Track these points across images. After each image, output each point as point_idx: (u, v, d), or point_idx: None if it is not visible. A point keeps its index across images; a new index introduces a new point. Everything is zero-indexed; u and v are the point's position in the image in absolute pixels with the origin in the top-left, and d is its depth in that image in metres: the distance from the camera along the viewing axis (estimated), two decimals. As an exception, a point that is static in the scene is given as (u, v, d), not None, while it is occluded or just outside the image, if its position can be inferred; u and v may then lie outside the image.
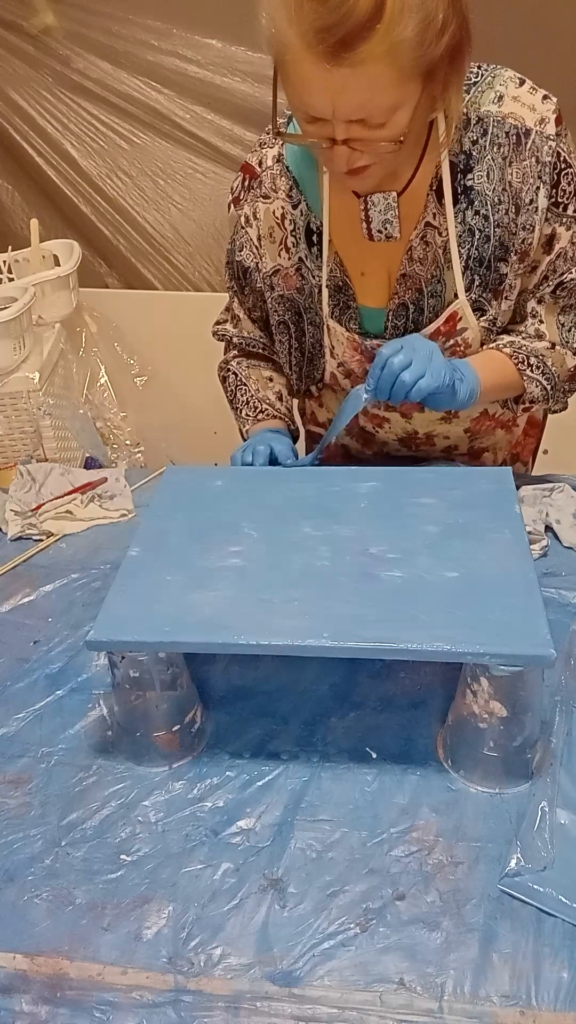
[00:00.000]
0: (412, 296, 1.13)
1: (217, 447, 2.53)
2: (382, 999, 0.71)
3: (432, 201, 1.07)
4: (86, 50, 2.21)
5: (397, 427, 1.29)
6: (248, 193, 1.18)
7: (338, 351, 1.20)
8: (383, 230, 1.08)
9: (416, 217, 1.09)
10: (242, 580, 0.91)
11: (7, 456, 1.81)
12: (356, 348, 1.18)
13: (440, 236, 1.09)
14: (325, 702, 0.98)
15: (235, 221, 1.21)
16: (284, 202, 1.15)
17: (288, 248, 1.17)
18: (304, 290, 1.18)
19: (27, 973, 0.74)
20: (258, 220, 1.18)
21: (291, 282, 1.18)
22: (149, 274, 2.47)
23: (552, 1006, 0.69)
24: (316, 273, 1.16)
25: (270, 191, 1.15)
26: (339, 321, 1.18)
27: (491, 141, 1.03)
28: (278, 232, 1.16)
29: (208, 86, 2.22)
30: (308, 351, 1.24)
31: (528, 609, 0.84)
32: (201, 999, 0.72)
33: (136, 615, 0.87)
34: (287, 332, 1.24)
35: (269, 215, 1.16)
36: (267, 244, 1.18)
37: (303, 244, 1.15)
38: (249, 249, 1.21)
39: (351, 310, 1.17)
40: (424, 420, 1.26)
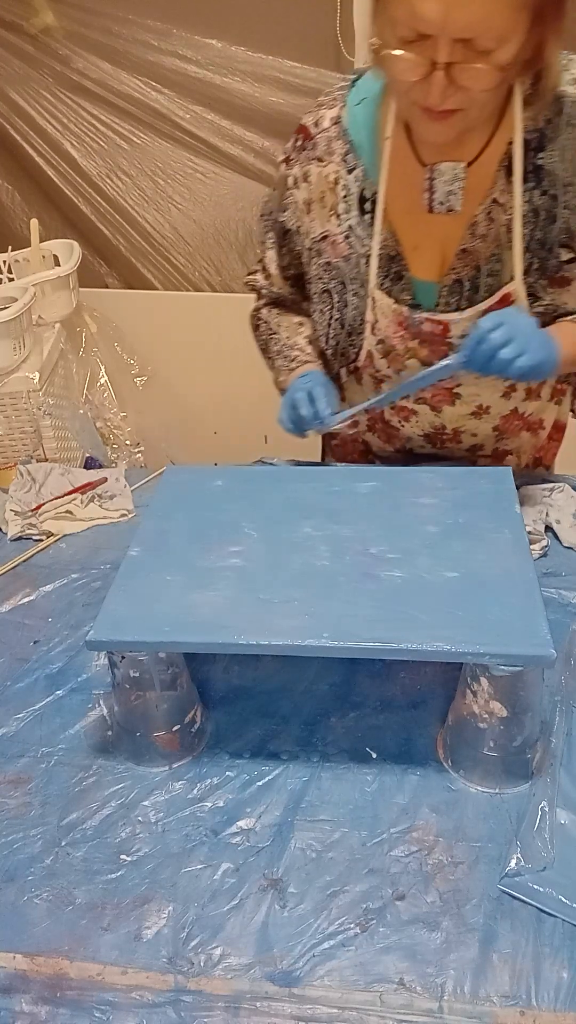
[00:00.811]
0: (469, 273, 1.11)
1: (217, 447, 2.55)
2: (382, 999, 0.71)
3: (501, 177, 1.06)
4: (86, 50, 2.20)
5: (425, 421, 1.27)
6: (300, 154, 1.15)
7: (381, 325, 1.16)
8: (445, 202, 1.05)
9: (483, 192, 1.07)
10: (242, 580, 0.91)
11: (7, 456, 1.81)
12: (401, 323, 1.15)
13: (505, 214, 1.07)
14: (325, 702, 0.98)
15: (283, 180, 1.19)
16: (339, 166, 1.12)
17: (339, 214, 1.14)
18: (351, 259, 1.15)
19: (27, 973, 0.74)
20: (309, 183, 1.15)
21: (339, 249, 1.15)
22: (149, 274, 2.47)
23: (552, 1006, 0.69)
24: (365, 242, 1.13)
25: (324, 154, 1.12)
26: (388, 292, 1.14)
27: (567, 121, 1.02)
28: (329, 197, 1.14)
29: (208, 86, 2.22)
30: (349, 325, 1.20)
31: (528, 609, 0.84)
32: (201, 999, 0.72)
33: (136, 615, 0.87)
34: (329, 302, 1.20)
35: (322, 179, 1.13)
36: (317, 209, 1.15)
37: (355, 211, 1.13)
38: (293, 211, 1.18)
39: (403, 280, 1.14)
40: (454, 415, 1.25)
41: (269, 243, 1.28)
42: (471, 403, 1.22)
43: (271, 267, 1.30)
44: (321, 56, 2.17)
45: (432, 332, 1.13)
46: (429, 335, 1.14)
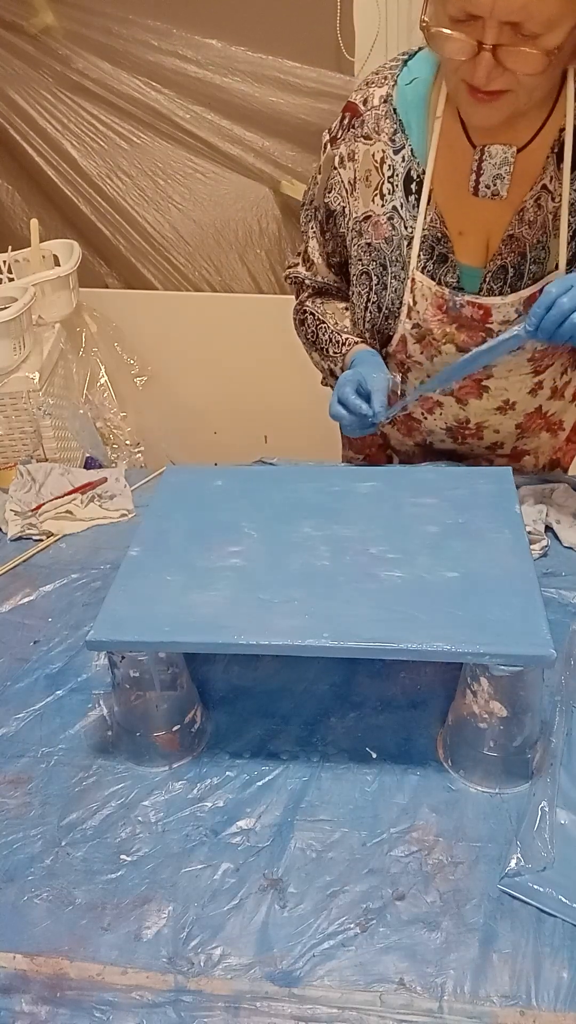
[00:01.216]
0: (514, 260, 1.10)
1: (217, 447, 2.55)
2: (382, 999, 0.71)
3: (552, 164, 1.05)
4: (86, 50, 2.21)
5: (449, 414, 1.26)
6: (347, 132, 1.14)
7: (419, 307, 1.15)
8: (491, 186, 1.03)
9: (532, 178, 1.06)
10: (242, 580, 0.91)
11: (7, 456, 1.81)
12: (441, 306, 1.13)
13: (553, 201, 1.06)
14: (325, 702, 0.98)
15: (329, 161, 1.17)
16: (386, 145, 1.11)
17: (383, 195, 1.12)
18: (392, 241, 1.14)
19: (27, 973, 0.74)
20: (355, 162, 1.13)
21: (381, 231, 1.14)
22: (149, 274, 2.47)
23: (552, 1006, 0.69)
24: (409, 223, 1.12)
25: (372, 132, 1.11)
26: (431, 275, 1.13)
27: None
28: (375, 176, 1.12)
29: (208, 86, 2.22)
30: (386, 308, 1.18)
31: (528, 609, 0.84)
32: (201, 999, 0.72)
33: (136, 615, 0.87)
34: (368, 284, 1.19)
35: (368, 157, 1.12)
36: (361, 188, 1.14)
37: (400, 192, 1.11)
38: (338, 191, 1.17)
39: (448, 263, 1.13)
40: (479, 408, 1.24)
41: (311, 232, 1.27)
42: (498, 397, 1.22)
43: (314, 256, 1.28)
44: (321, 56, 2.17)
45: (472, 317, 1.12)
46: (469, 320, 1.13)
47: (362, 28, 2.15)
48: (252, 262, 2.46)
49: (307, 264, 1.31)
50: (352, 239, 1.18)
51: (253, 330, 2.39)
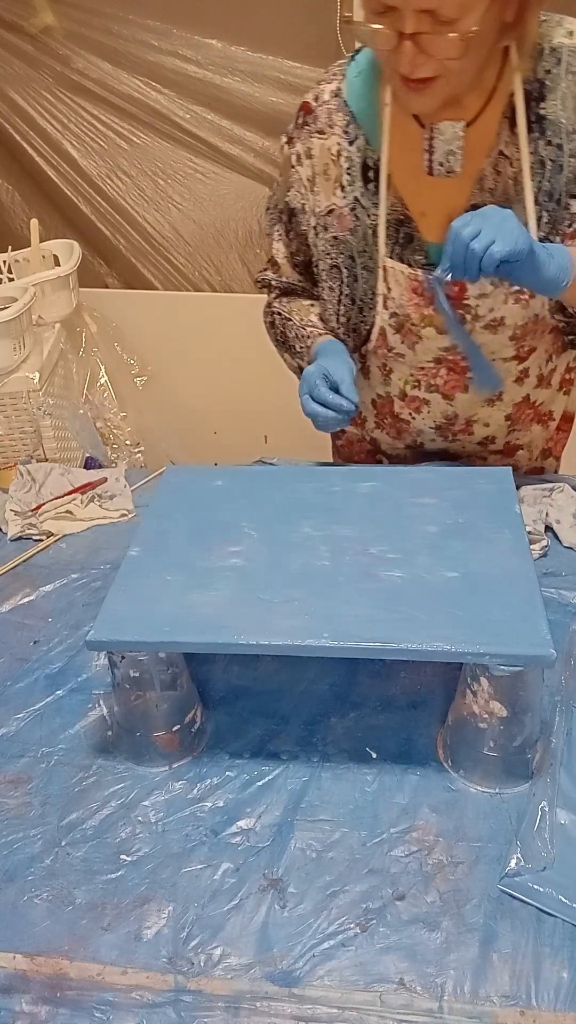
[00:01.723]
0: None
1: (217, 447, 2.55)
2: (382, 999, 0.71)
3: (505, 129, 1.06)
4: (86, 50, 2.20)
5: (436, 411, 1.26)
6: (302, 130, 1.16)
7: (394, 294, 1.15)
8: (445, 163, 1.03)
9: (487, 148, 1.07)
10: (242, 580, 0.91)
11: (7, 456, 1.81)
12: (416, 289, 1.14)
13: (512, 167, 1.07)
14: (325, 702, 0.98)
15: (287, 161, 1.19)
16: (340, 138, 1.12)
17: (343, 187, 1.14)
18: (357, 232, 1.15)
19: (27, 973, 0.74)
20: (312, 158, 1.15)
21: (345, 222, 1.16)
22: (149, 274, 2.47)
23: (552, 1006, 0.69)
24: (372, 212, 1.13)
25: (325, 127, 1.13)
26: (400, 258, 1.14)
27: (566, 70, 1.03)
28: (333, 169, 1.14)
29: (208, 86, 2.22)
30: (360, 300, 1.19)
31: (528, 609, 0.84)
32: (201, 999, 0.72)
33: (136, 615, 0.87)
34: (339, 277, 1.20)
35: (324, 152, 1.14)
36: (321, 182, 1.16)
37: (359, 182, 1.13)
38: (298, 189, 1.19)
39: (415, 243, 1.14)
40: (467, 402, 1.24)
41: (276, 235, 1.28)
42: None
43: (279, 258, 1.30)
44: (321, 56, 2.17)
45: (448, 295, 1.12)
46: (445, 299, 1.12)
47: (362, 28, 2.14)
48: (252, 262, 2.46)
49: (273, 267, 1.33)
50: (317, 234, 1.19)
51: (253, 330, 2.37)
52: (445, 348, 1.17)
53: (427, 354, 1.19)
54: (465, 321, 1.13)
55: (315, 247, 1.21)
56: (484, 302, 1.12)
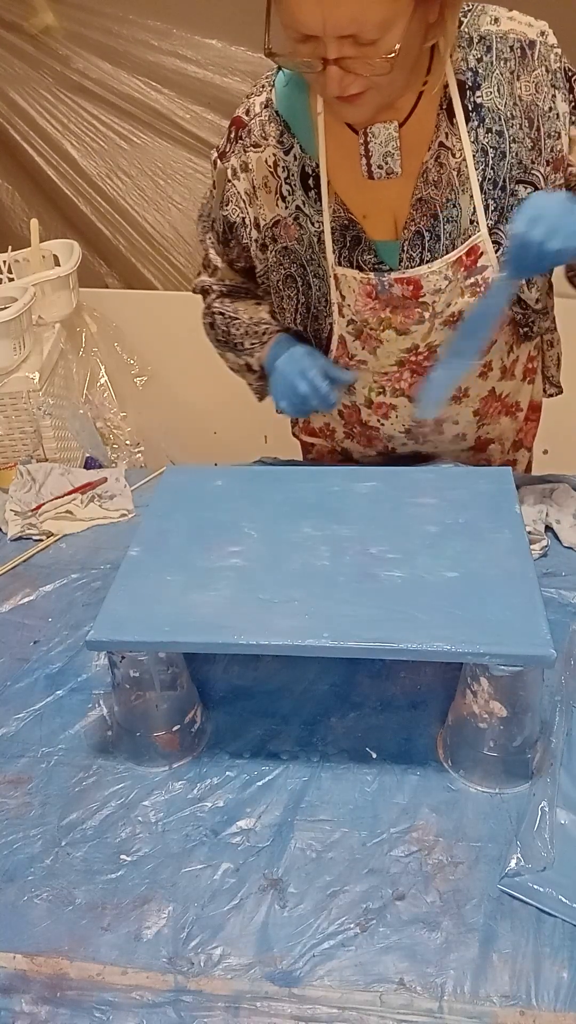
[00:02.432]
0: (427, 223, 1.09)
1: (217, 447, 2.55)
2: (382, 999, 0.71)
3: (444, 120, 1.05)
4: (86, 50, 2.21)
5: (404, 415, 1.25)
6: (236, 144, 1.15)
7: (348, 302, 1.14)
8: (383, 165, 1.03)
9: (426, 141, 1.06)
10: (242, 580, 0.91)
11: (7, 456, 1.81)
12: (370, 293, 1.12)
13: (454, 157, 1.06)
14: (325, 702, 0.98)
15: (222, 175, 1.17)
16: (275, 148, 1.11)
17: (284, 196, 1.13)
18: (303, 240, 1.14)
19: (27, 973, 0.74)
20: (249, 172, 1.14)
21: (291, 232, 1.15)
22: (149, 274, 2.47)
23: (552, 1006, 0.69)
24: (316, 219, 1.12)
25: (260, 139, 1.12)
26: (350, 263, 1.13)
27: (497, 57, 1.02)
28: (272, 181, 1.13)
29: (208, 86, 2.22)
30: (314, 308, 1.18)
31: (528, 609, 0.84)
32: (201, 999, 0.72)
33: (136, 615, 0.87)
34: (294, 286, 1.19)
35: (262, 164, 1.13)
36: (263, 195, 1.14)
37: (299, 191, 1.12)
38: (236, 203, 1.17)
39: (363, 243, 1.12)
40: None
41: (209, 242, 1.27)
42: None
43: (217, 261, 1.28)
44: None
45: (403, 295, 1.12)
46: (400, 299, 1.12)
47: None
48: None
49: (210, 271, 1.31)
50: (267, 247, 1.18)
51: (253, 330, 2.39)
52: (406, 350, 1.17)
53: (389, 357, 1.18)
54: (423, 320, 1.12)
55: (265, 261, 1.20)
56: (440, 297, 1.11)
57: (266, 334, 1.26)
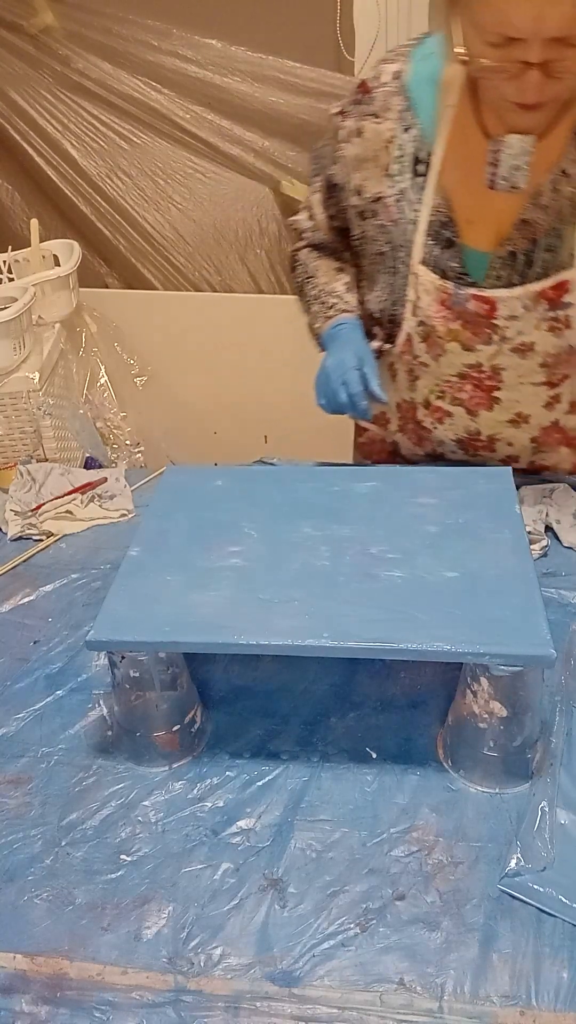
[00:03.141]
0: (525, 246, 1.07)
1: (217, 447, 2.55)
2: (382, 999, 0.71)
3: (573, 147, 1.01)
4: (86, 50, 2.20)
5: (459, 425, 1.23)
6: (356, 107, 1.10)
7: (422, 304, 1.12)
8: (509, 178, 0.98)
9: (550, 163, 1.03)
10: (242, 580, 0.91)
11: (7, 456, 1.81)
12: (444, 302, 1.10)
13: (571, 186, 1.03)
14: (325, 702, 0.98)
15: (336, 131, 1.13)
16: (394, 124, 1.07)
17: (391, 176, 1.09)
18: (399, 224, 1.11)
19: (27, 973, 0.74)
20: (362, 138, 1.09)
21: (390, 212, 1.11)
22: (149, 274, 2.47)
23: (552, 1006, 0.69)
24: (416, 207, 1.09)
25: (381, 110, 1.07)
26: (435, 264, 1.10)
27: None
28: (383, 156, 1.09)
29: (208, 86, 2.22)
30: (397, 292, 1.15)
31: (528, 609, 0.84)
32: (201, 999, 0.72)
33: (136, 615, 0.87)
34: (382, 265, 1.16)
35: (377, 137, 1.08)
36: (371, 168, 1.11)
37: (408, 174, 1.08)
38: (342, 166, 1.14)
39: (454, 248, 1.09)
40: (491, 420, 1.20)
41: (317, 186, 1.23)
42: (510, 410, 1.19)
43: (317, 209, 1.25)
44: (321, 56, 2.17)
45: (477, 312, 1.09)
46: (473, 316, 1.10)
47: (362, 28, 2.15)
48: (252, 262, 2.46)
49: (309, 215, 1.28)
50: (365, 219, 1.15)
51: (253, 330, 2.39)
52: (470, 365, 1.14)
53: (451, 368, 1.16)
54: (491, 341, 1.10)
55: (363, 229, 1.17)
56: (513, 324, 1.09)
57: (332, 309, 1.23)
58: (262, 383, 2.44)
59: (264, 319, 2.39)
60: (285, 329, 2.44)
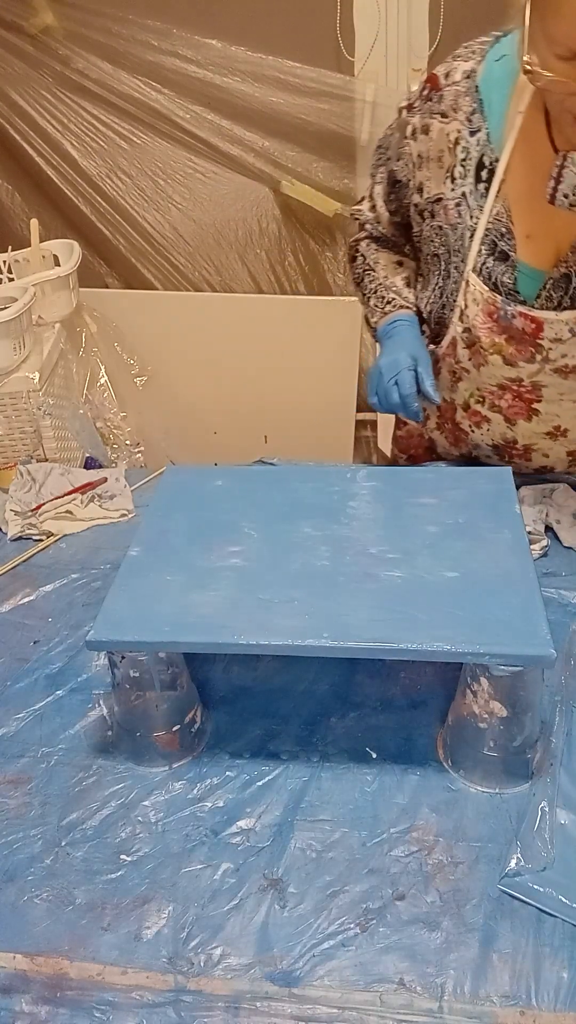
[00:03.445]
0: None
1: (217, 447, 2.55)
2: (382, 999, 0.71)
3: None
4: (86, 50, 2.21)
5: (496, 432, 1.22)
6: (424, 104, 1.08)
7: (470, 313, 1.11)
8: (570, 195, 0.96)
9: None
10: (242, 580, 0.91)
11: (7, 456, 1.81)
12: (491, 314, 1.09)
13: None
14: (325, 702, 0.98)
15: (402, 127, 1.12)
16: (462, 125, 1.04)
17: (455, 178, 1.07)
18: (457, 229, 1.09)
19: (27, 973, 0.74)
20: (428, 137, 1.07)
21: (449, 216, 1.09)
22: (149, 274, 2.47)
23: (552, 1006, 0.69)
24: (475, 213, 1.07)
25: (449, 109, 1.05)
26: (489, 275, 1.08)
27: None
28: (448, 158, 1.06)
29: (208, 86, 2.22)
30: (447, 296, 1.14)
31: (528, 609, 0.84)
32: (201, 999, 0.72)
33: (136, 615, 0.87)
34: (438, 266, 1.14)
35: (443, 136, 1.06)
36: (434, 168, 1.08)
37: (471, 178, 1.05)
38: (406, 162, 1.12)
39: (508, 262, 1.07)
40: (528, 431, 1.20)
41: (379, 177, 1.21)
42: (548, 422, 1.18)
43: (379, 202, 1.24)
44: (321, 56, 2.18)
45: (523, 330, 1.08)
46: (519, 332, 1.08)
47: (362, 28, 2.15)
48: (252, 262, 2.46)
49: (371, 205, 1.26)
50: (424, 219, 1.14)
51: (253, 330, 2.39)
52: (511, 379, 1.14)
53: (492, 379, 1.15)
54: (534, 360, 1.10)
55: (421, 228, 1.15)
56: (558, 346, 1.08)
57: (389, 304, 1.23)
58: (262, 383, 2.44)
59: (264, 319, 2.39)
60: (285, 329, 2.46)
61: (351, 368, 2.39)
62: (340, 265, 2.45)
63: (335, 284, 2.47)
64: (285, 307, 2.42)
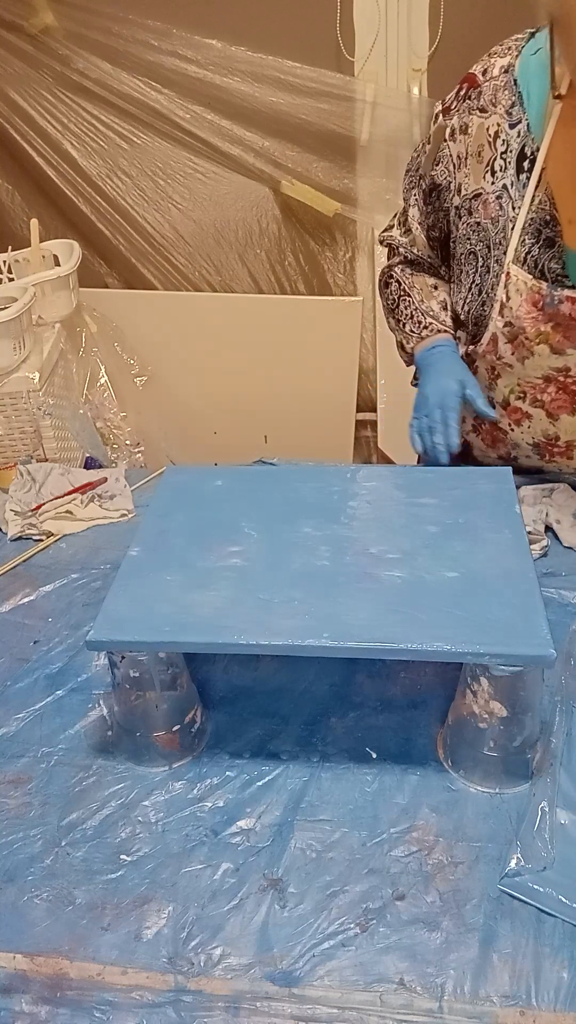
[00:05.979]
0: None
1: (217, 447, 2.55)
2: (382, 999, 0.71)
3: None
4: (86, 50, 2.21)
5: (537, 428, 1.21)
6: (462, 103, 1.10)
7: (512, 304, 1.10)
8: None
9: None
10: (242, 580, 0.91)
11: (7, 456, 1.81)
12: (536, 302, 1.08)
13: None
14: (325, 702, 0.98)
15: (440, 132, 1.13)
16: (502, 119, 1.06)
17: (495, 171, 1.08)
18: (499, 222, 1.09)
19: (27, 973, 0.74)
20: (468, 135, 1.09)
21: (489, 210, 1.10)
22: (149, 274, 2.47)
23: (552, 1006, 0.69)
24: (517, 203, 1.07)
25: (488, 104, 1.07)
26: (535, 263, 1.08)
27: None
28: (487, 152, 1.08)
29: (208, 86, 2.22)
30: (485, 292, 1.14)
31: (528, 609, 0.84)
32: (201, 999, 0.72)
33: (136, 615, 0.87)
34: (474, 264, 1.14)
35: (482, 132, 1.07)
36: (473, 164, 1.09)
37: (512, 169, 1.06)
38: (446, 165, 1.13)
39: (555, 248, 1.07)
40: (571, 426, 1.18)
41: (412, 200, 1.23)
42: None
43: (414, 224, 1.24)
44: (321, 56, 2.18)
45: (570, 315, 1.07)
46: (566, 318, 1.08)
47: (362, 28, 2.15)
48: (252, 262, 2.46)
49: (404, 230, 1.27)
50: (461, 217, 1.14)
51: (253, 330, 2.39)
52: (557, 369, 1.13)
53: (537, 370, 1.15)
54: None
55: (456, 228, 1.16)
56: None
57: (427, 328, 1.23)
58: (262, 383, 2.44)
59: (264, 319, 2.40)
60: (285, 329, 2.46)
61: (351, 368, 2.39)
62: (340, 265, 2.46)
63: (335, 284, 2.47)
64: (285, 307, 2.42)
